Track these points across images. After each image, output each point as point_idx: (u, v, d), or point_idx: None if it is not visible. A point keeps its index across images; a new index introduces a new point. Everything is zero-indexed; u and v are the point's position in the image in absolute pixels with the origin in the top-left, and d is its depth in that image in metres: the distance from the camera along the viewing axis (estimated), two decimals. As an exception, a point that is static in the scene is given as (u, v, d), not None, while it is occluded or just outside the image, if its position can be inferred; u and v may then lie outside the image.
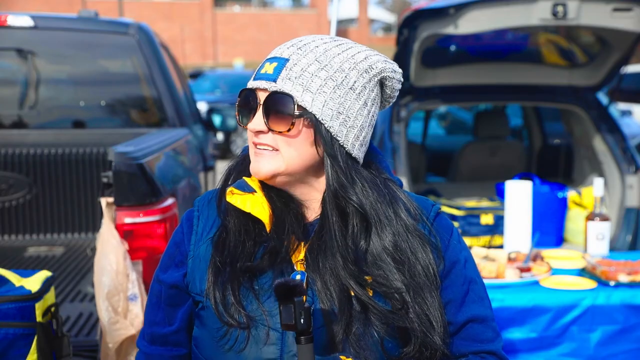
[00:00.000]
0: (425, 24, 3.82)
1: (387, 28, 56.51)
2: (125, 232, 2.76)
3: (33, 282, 2.22)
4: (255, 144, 1.44)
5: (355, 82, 1.43)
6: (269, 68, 1.43)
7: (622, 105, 11.81)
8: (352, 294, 1.39)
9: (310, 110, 1.40)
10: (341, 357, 1.33)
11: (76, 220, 4.31)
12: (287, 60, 1.42)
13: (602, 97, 6.00)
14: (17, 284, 2.21)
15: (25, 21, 4.28)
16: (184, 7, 40.19)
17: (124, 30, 4.45)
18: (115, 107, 4.74)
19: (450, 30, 3.75)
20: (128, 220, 2.78)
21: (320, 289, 1.39)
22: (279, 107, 1.41)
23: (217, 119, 10.91)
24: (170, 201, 2.98)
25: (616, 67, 4.45)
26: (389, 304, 1.39)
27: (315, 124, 1.41)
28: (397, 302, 1.39)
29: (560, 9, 3.60)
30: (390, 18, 55.26)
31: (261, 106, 1.42)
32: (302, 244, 1.43)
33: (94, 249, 2.81)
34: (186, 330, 1.54)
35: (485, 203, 4.41)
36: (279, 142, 1.42)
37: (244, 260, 1.42)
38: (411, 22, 3.89)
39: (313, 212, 1.49)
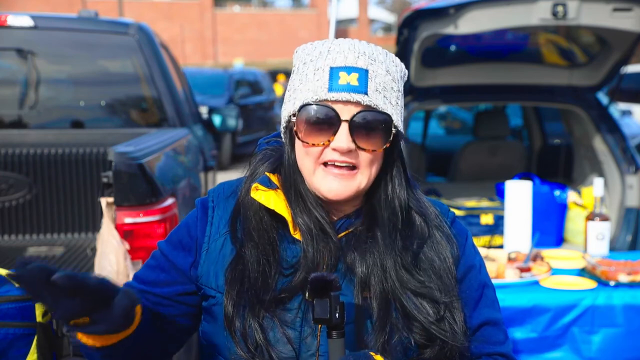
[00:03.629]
0: (425, 24, 3.82)
1: (387, 28, 56.54)
2: (125, 232, 2.76)
3: (33, 282, 2.21)
4: (334, 162, 1.35)
5: (402, 89, 1.43)
6: (350, 79, 1.32)
7: (622, 105, 11.80)
8: (393, 299, 1.37)
9: (397, 126, 1.37)
10: (370, 352, 1.31)
11: (76, 220, 4.30)
12: (367, 71, 1.34)
13: (602, 97, 5.99)
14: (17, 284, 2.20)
15: (25, 21, 4.28)
16: (184, 7, 40.20)
17: (124, 30, 4.45)
18: (115, 107, 4.73)
19: (450, 30, 3.75)
20: (128, 220, 2.78)
21: (357, 292, 1.37)
22: (374, 124, 1.33)
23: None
24: (170, 201, 2.98)
25: (616, 67, 4.45)
26: (427, 312, 1.38)
27: (397, 139, 1.40)
28: (436, 311, 1.38)
29: (560, 9, 3.60)
30: (390, 18, 55.30)
31: (347, 122, 1.32)
32: (331, 245, 1.40)
33: (94, 249, 2.81)
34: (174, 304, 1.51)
35: (485, 203, 4.41)
36: (364, 160, 1.36)
37: (268, 291, 1.38)
38: (411, 22, 3.89)
39: (340, 212, 1.46)
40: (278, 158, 1.50)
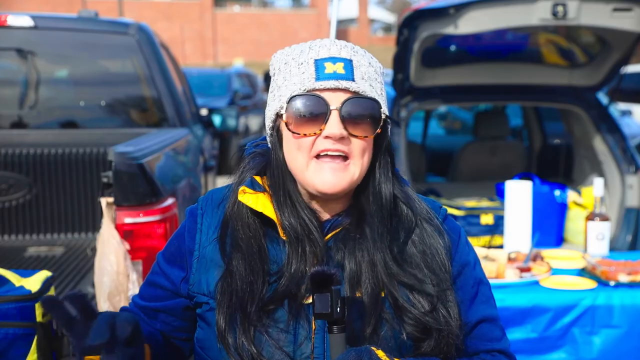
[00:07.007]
0: (425, 24, 3.82)
1: (387, 28, 56.55)
2: (125, 232, 2.76)
3: (33, 282, 2.21)
4: (326, 151, 1.35)
5: (384, 85, 1.46)
6: (336, 68, 1.34)
7: (622, 105, 11.80)
8: (382, 294, 1.37)
9: (385, 113, 1.39)
10: (372, 347, 1.29)
11: (76, 220, 4.30)
12: (351, 60, 1.36)
13: (602, 97, 5.99)
14: (17, 284, 2.20)
15: (25, 21, 4.28)
16: (184, 7, 40.20)
17: (124, 30, 4.45)
18: (115, 107, 4.73)
19: (450, 30, 3.75)
20: (128, 220, 2.78)
21: (349, 288, 1.37)
22: (364, 110, 1.35)
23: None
24: (170, 201, 2.98)
25: (616, 67, 4.45)
26: (420, 304, 1.38)
27: (386, 126, 1.41)
28: (429, 302, 1.38)
29: (560, 9, 3.60)
30: (390, 18, 55.31)
31: (337, 110, 1.33)
32: (317, 250, 1.40)
33: (94, 249, 2.81)
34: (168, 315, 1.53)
35: (485, 203, 4.41)
36: (356, 149, 1.36)
37: (255, 303, 1.37)
38: (411, 22, 3.89)
39: (329, 211, 1.45)
40: (264, 160, 1.49)
